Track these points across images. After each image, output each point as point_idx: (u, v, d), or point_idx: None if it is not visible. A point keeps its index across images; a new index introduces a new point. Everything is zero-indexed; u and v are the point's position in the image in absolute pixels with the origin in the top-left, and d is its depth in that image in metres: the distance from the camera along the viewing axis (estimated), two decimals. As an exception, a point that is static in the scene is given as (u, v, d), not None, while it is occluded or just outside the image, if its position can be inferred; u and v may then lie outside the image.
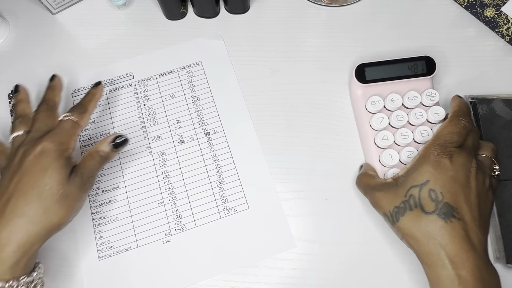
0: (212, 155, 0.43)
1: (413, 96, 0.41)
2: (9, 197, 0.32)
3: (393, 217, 0.33)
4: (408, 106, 0.41)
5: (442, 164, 0.32)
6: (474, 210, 0.31)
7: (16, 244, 0.31)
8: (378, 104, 0.41)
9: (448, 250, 0.29)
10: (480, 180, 0.33)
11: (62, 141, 0.35)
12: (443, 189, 0.31)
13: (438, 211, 0.30)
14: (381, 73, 0.41)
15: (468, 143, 0.34)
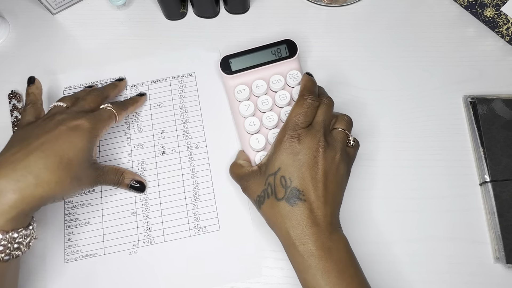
0: (191, 170, 0.42)
1: (277, 79, 0.43)
2: (29, 152, 0.32)
3: (257, 204, 0.35)
4: (274, 89, 0.43)
5: (291, 149, 0.34)
6: (319, 188, 0.32)
7: (21, 200, 0.31)
8: (244, 92, 0.42)
9: (295, 231, 0.32)
10: (329, 156, 0.33)
11: (97, 126, 0.37)
12: (292, 175, 0.33)
13: (286, 197, 0.33)
14: (246, 62, 0.43)
15: (318, 119, 0.35)
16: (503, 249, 0.37)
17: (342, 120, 0.37)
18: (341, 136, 0.36)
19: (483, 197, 0.40)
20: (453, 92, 0.45)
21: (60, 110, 0.38)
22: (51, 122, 0.35)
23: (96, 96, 0.40)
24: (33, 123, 0.37)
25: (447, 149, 0.43)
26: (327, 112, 0.36)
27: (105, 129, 0.38)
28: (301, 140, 0.34)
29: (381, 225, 0.40)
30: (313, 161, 0.33)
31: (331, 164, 0.34)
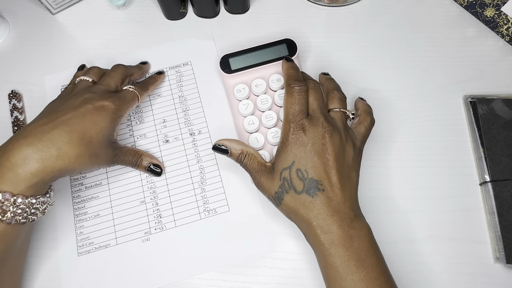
0: (196, 155, 0.43)
1: (276, 78, 0.43)
2: (56, 126, 0.34)
3: (276, 200, 0.35)
4: (274, 88, 0.43)
5: (299, 140, 0.34)
6: (334, 175, 0.33)
7: (42, 170, 0.32)
8: (243, 91, 0.42)
9: (317, 221, 0.32)
10: (336, 140, 0.34)
11: (121, 108, 0.38)
12: (307, 166, 0.33)
13: (306, 189, 0.33)
14: (246, 61, 0.43)
15: (313, 107, 0.36)
16: (503, 249, 0.37)
17: (333, 99, 0.38)
18: (339, 115, 0.37)
19: (483, 197, 0.40)
20: (453, 92, 0.45)
21: (87, 86, 0.39)
22: (79, 99, 0.37)
23: (121, 72, 0.41)
24: (64, 97, 0.38)
25: (447, 149, 0.43)
26: (317, 96, 0.37)
27: (128, 110, 0.39)
28: (306, 130, 0.34)
29: (382, 225, 0.40)
30: (322, 148, 0.34)
31: (339, 148, 0.34)
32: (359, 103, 0.41)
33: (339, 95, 0.38)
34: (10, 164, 0.31)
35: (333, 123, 0.35)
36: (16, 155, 0.32)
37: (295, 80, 0.37)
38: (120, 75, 0.41)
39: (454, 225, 0.40)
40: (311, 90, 0.37)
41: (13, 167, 0.31)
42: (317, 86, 0.37)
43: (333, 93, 0.38)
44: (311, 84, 0.37)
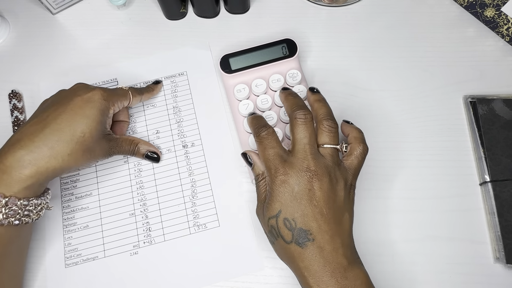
0: (188, 168, 0.42)
1: (276, 78, 0.43)
2: (46, 125, 0.34)
3: (268, 239, 0.34)
4: (274, 88, 0.43)
5: (283, 187, 0.31)
6: (324, 222, 0.31)
7: (36, 171, 0.33)
8: (243, 91, 0.42)
9: (308, 272, 0.31)
10: (325, 184, 0.31)
11: (111, 99, 0.38)
12: (294, 215, 0.31)
13: (295, 239, 0.31)
14: (246, 61, 0.43)
15: (298, 146, 0.32)
16: (503, 249, 0.37)
17: (323, 132, 0.33)
18: (329, 152, 0.33)
19: (483, 197, 0.40)
20: (453, 92, 0.45)
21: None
22: (68, 92, 0.37)
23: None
24: (56, 94, 0.38)
25: (447, 149, 0.43)
26: (306, 132, 0.33)
27: (117, 104, 0.39)
28: (288, 174, 0.31)
29: (381, 225, 0.40)
30: (308, 194, 0.31)
31: (328, 192, 0.31)
32: (346, 128, 0.36)
33: (330, 126, 0.33)
34: (4, 167, 0.32)
35: (321, 163, 0.32)
36: (10, 157, 0.32)
37: (260, 126, 0.34)
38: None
39: (454, 225, 0.40)
40: (298, 125, 0.33)
41: (7, 169, 0.32)
42: (307, 119, 0.33)
43: (322, 124, 0.34)
44: (300, 116, 0.33)
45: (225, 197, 0.41)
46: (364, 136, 0.35)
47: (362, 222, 0.40)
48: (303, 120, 0.33)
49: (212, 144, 0.43)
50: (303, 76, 0.44)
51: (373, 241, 0.39)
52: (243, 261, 0.39)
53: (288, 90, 0.38)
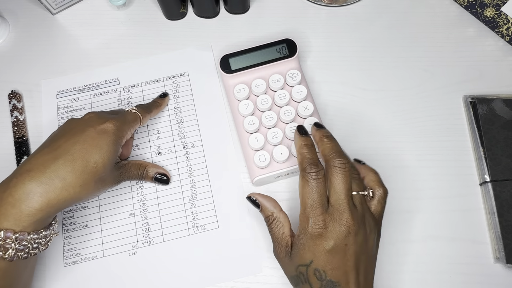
0: (188, 169, 0.42)
1: (276, 78, 0.43)
2: (58, 155, 0.33)
3: (292, 282, 0.33)
4: (274, 88, 0.43)
5: (319, 239, 0.31)
6: (354, 275, 0.31)
7: (47, 204, 0.31)
8: (243, 91, 0.42)
9: None
10: (360, 238, 0.31)
11: (123, 129, 0.37)
12: (325, 267, 0.31)
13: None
14: (246, 61, 0.43)
15: (338, 195, 0.31)
16: (503, 249, 0.37)
17: (356, 180, 0.33)
18: (358, 200, 0.32)
19: (483, 197, 0.40)
20: (453, 92, 0.45)
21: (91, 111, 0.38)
22: (80, 122, 0.36)
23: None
24: (65, 124, 0.37)
25: (447, 149, 0.43)
26: (346, 182, 0.31)
27: (130, 131, 0.38)
28: (327, 227, 0.30)
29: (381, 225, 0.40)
30: (344, 249, 0.30)
31: (362, 244, 0.31)
32: (361, 169, 0.35)
33: (355, 173, 0.33)
34: (13, 200, 0.31)
35: (357, 216, 0.31)
36: (19, 190, 0.31)
37: (310, 163, 0.32)
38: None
39: (454, 225, 0.40)
40: (337, 173, 0.31)
41: (16, 202, 0.31)
42: (346, 167, 0.31)
43: (355, 170, 0.33)
44: (339, 164, 0.31)
45: (224, 198, 0.41)
46: (380, 177, 0.34)
47: (362, 222, 0.40)
48: (343, 170, 0.31)
49: (212, 145, 0.43)
50: (303, 76, 0.44)
51: (373, 241, 0.39)
52: (242, 262, 0.39)
53: (323, 130, 0.35)
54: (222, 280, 0.38)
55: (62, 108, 0.46)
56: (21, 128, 0.44)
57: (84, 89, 0.46)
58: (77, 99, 0.46)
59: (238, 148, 0.43)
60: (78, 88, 0.47)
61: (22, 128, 0.44)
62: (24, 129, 0.44)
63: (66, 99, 0.46)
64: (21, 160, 0.43)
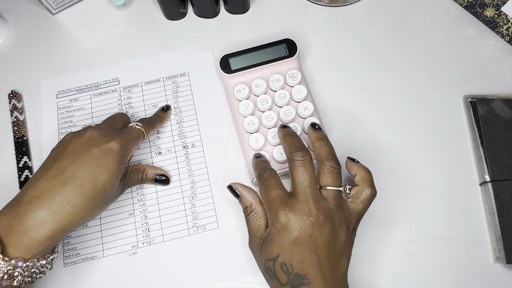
0: (188, 169, 0.42)
1: (276, 78, 0.43)
2: (66, 180, 0.32)
3: (264, 277, 0.33)
4: (274, 88, 0.43)
5: (283, 231, 0.31)
6: (321, 267, 0.30)
7: (58, 230, 0.31)
8: (243, 91, 0.42)
9: None
10: (327, 230, 0.31)
11: (127, 147, 0.36)
12: (291, 260, 0.31)
13: (290, 283, 0.31)
14: (246, 61, 0.43)
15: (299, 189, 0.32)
16: (503, 249, 0.37)
17: (325, 173, 0.33)
18: (331, 195, 0.32)
19: (483, 197, 0.40)
20: (453, 92, 0.45)
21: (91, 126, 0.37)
22: (82, 140, 0.35)
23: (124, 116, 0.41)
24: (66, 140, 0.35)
25: (447, 149, 0.43)
26: (306, 174, 0.32)
27: (134, 148, 0.38)
28: (289, 218, 0.31)
29: (381, 225, 0.40)
30: (309, 240, 0.30)
31: (330, 237, 0.31)
32: (353, 167, 0.35)
33: (332, 167, 0.33)
34: (23, 229, 0.30)
35: (324, 207, 0.31)
36: (30, 218, 0.30)
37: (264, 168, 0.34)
38: (120, 119, 0.40)
39: (454, 225, 0.40)
40: (296, 167, 0.32)
41: (27, 231, 0.30)
42: (306, 160, 0.32)
43: (325, 164, 0.33)
44: (298, 157, 0.32)
45: (224, 198, 0.41)
46: (372, 178, 0.34)
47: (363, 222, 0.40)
48: (302, 162, 0.32)
49: (212, 145, 0.43)
50: (303, 76, 0.44)
51: (373, 241, 0.39)
52: (242, 262, 0.39)
53: (286, 129, 0.37)
54: (222, 280, 0.38)
55: (62, 108, 0.46)
56: (21, 128, 0.44)
57: (84, 89, 0.46)
58: (77, 99, 0.46)
59: (238, 148, 0.43)
60: (78, 88, 0.47)
61: (22, 128, 0.44)
62: (24, 129, 0.44)
63: (66, 99, 0.46)
64: (21, 160, 0.43)
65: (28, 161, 0.43)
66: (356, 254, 0.39)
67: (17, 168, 0.43)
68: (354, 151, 0.43)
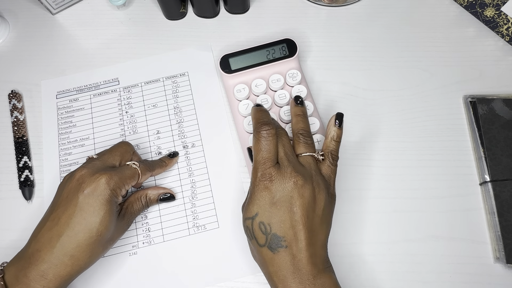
0: (188, 169, 0.42)
1: (276, 78, 0.43)
2: (61, 231, 0.32)
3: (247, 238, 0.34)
4: (274, 88, 0.43)
5: (266, 191, 0.32)
6: (301, 230, 0.31)
7: (59, 281, 0.32)
8: (243, 91, 0.42)
9: (277, 277, 0.31)
10: (307, 191, 0.31)
11: (118, 186, 0.35)
12: (270, 220, 0.31)
13: (268, 244, 0.31)
14: (246, 61, 0.43)
15: (281, 155, 0.33)
16: (503, 249, 0.37)
17: (298, 144, 0.35)
18: (308, 161, 0.34)
19: (483, 197, 0.40)
20: (453, 92, 0.45)
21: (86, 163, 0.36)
22: (73, 184, 0.34)
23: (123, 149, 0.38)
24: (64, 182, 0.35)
25: (447, 149, 0.43)
26: (285, 143, 0.34)
27: (125, 188, 0.36)
28: (273, 181, 0.32)
29: (381, 225, 0.40)
30: (289, 201, 0.31)
31: (309, 199, 0.32)
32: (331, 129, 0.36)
33: (305, 138, 0.35)
34: (27, 280, 0.31)
35: (303, 171, 0.33)
36: (33, 271, 0.32)
37: (262, 124, 0.34)
38: (120, 152, 0.38)
39: (454, 225, 0.40)
40: (280, 136, 0.34)
41: (31, 283, 0.31)
42: (284, 133, 0.35)
43: (298, 137, 0.35)
44: (281, 131, 0.35)
45: (224, 198, 0.41)
46: (338, 145, 0.36)
47: (362, 222, 0.40)
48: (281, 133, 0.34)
49: (212, 145, 0.43)
50: (303, 76, 0.44)
51: (373, 241, 0.39)
52: (242, 262, 0.39)
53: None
54: (222, 280, 0.38)
55: (62, 109, 0.46)
56: (21, 128, 0.44)
57: (83, 89, 0.46)
58: (76, 99, 0.46)
59: (238, 147, 0.43)
60: (78, 88, 0.47)
61: (22, 128, 0.44)
62: (24, 129, 0.44)
63: (65, 99, 0.46)
64: (21, 160, 0.43)
65: (28, 161, 0.43)
66: (356, 254, 0.39)
67: (17, 168, 0.43)
68: (354, 150, 0.43)
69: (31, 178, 0.42)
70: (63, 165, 0.43)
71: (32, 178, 0.42)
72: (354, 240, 0.40)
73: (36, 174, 0.43)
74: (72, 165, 0.43)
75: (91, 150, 0.43)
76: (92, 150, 0.43)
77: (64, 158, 0.43)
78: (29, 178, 0.42)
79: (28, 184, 0.42)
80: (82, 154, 0.43)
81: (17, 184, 0.42)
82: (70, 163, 0.43)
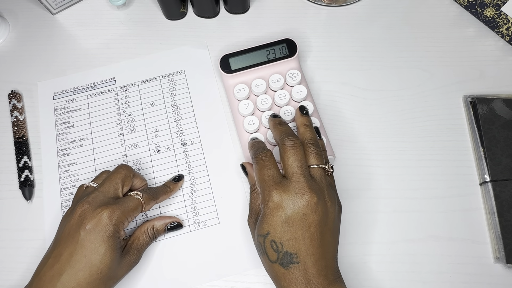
0: (187, 166, 0.42)
1: (276, 78, 0.43)
2: (62, 269, 0.32)
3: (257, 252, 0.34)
4: (274, 88, 0.43)
5: (276, 210, 0.31)
6: (313, 246, 0.31)
7: None
8: (243, 91, 0.42)
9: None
10: (320, 208, 0.31)
11: (120, 220, 0.34)
12: (282, 239, 0.31)
13: (279, 261, 0.31)
14: (246, 61, 0.43)
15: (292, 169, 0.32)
16: (503, 249, 0.37)
17: (309, 155, 0.34)
18: (318, 173, 0.34)
19: (483, 197, 0.40)
20: (453, 92, 0.45)
21: (86, 194, 0.36)
22: (75, 221, 0.33)
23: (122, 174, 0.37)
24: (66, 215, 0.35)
25: (447, 149, 0.43)
26: (297, 156, 0.33)
27: (128, 220, 0.35)
28: (284, 199, 0.31)
29: (381, 225, 0.40)
30: (302, 219, 0.31)
31: (322, 216, 0.31)
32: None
33: (316, 148, 0.34)
34: None
35: (316, 187, 0.32)
36: None
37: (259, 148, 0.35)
38: (121, 178, 0.37)
39: (454, 225, 0.40)
40: (289, 150, 0.33)
41: None
42: (296, 144, 0.34)
43: (309, 147, 0.34)
44: (289, 142, 0.34)
45: (224, 194, 0.41)
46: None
47: (363, 222, 0.40)
48: (292, 145, 0.34)
49: (210, 142, 0.44)
50: (303, 76, 0.44)
51: (373, 241, 0.39)
52: (243, 258, 0.39)
53: (276, 119, 0.38)
54: (223, 276, 0.38)
55: (59, 109, 0.46)
56: (21, 128, 0.44)
57: (80, 90, 0.47)
58: (73, 100, 0.46)
59: (237, 145, 0.43)
60: (75, 88, 0.47)
61: (22, 128, 0.44)
62: (24, 129, 0.45)
63: (62, 100, 0.46)
64: (21, 159, 0.43)
65: (28, 161, 0.43)
66: (356, 254, 0.39)
67: (17, 168, 0.43)
68: (354, 151, 0.43)
69: (31, 178, 0.42)
70: (62, 165, 0.43)
71: (32, 178, 0.42)
72: (354, 240, 0.40)
73: (36, 174, 0.43)
74: (70, 165, 0.43)
75: (90, 150, 0.44)
76: (90, 150, 0.43)
77: (62, 159, 0.43)
78: (29, 178, 0.42)
79: (28, 184, 0.42)
80: (81, 154, 0.43)
81: (17, 184, 0.42)
82: (68, 163, 0.43)
